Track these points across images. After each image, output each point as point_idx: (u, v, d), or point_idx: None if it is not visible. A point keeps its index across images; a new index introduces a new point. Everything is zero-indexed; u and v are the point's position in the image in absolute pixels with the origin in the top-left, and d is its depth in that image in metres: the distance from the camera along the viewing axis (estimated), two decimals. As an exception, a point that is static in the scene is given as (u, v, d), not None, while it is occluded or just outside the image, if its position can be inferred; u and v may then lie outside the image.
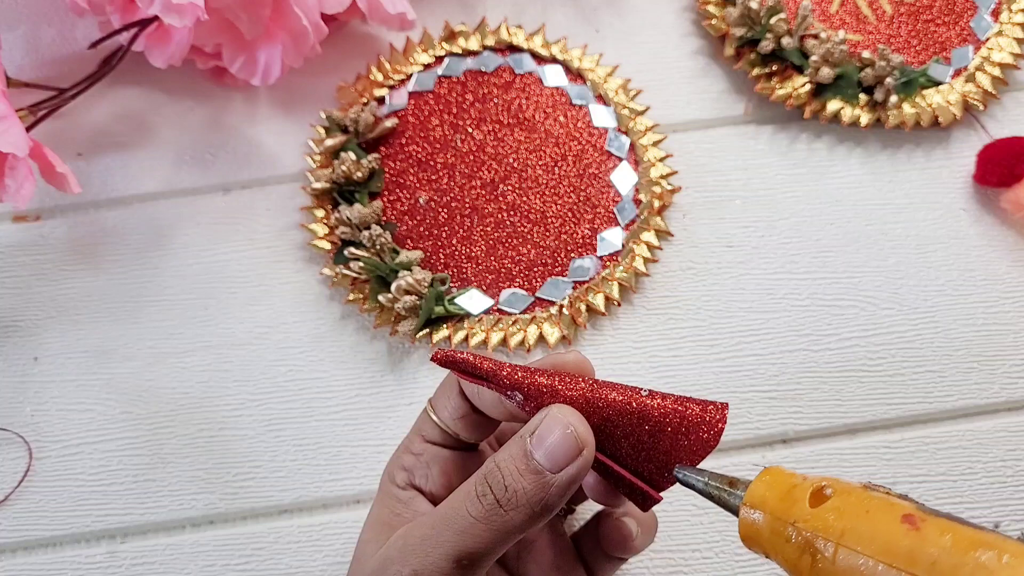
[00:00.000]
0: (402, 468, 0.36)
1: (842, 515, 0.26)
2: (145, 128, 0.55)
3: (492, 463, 0.32)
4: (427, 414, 0.36)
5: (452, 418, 0.35)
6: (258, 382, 0.48)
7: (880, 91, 0.53)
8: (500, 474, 0.31)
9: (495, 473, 0.31)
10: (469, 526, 0.31)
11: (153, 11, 0.47)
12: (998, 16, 0.56)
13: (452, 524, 0.31)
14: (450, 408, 0.35)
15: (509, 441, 0.32)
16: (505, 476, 0.31)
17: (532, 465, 0.31)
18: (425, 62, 0.55)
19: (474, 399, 0.34)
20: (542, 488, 0.30)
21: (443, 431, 0.35)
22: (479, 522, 0.31)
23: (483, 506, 0.31)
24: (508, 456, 0.31)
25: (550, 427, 0.31)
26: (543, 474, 0.30)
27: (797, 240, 0.51)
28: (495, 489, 0.31)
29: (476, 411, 0.35)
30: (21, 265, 0.51)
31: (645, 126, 0.53)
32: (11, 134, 0.44)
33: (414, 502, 0.35)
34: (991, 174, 0.52)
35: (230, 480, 0.46)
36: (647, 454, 0.32)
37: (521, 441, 0.31)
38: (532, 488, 0.30)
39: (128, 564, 0.44)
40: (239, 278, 0.51)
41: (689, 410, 0.32)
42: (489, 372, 0.33)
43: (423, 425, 0.36)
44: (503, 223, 0.51)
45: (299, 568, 0.44)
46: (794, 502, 0.27)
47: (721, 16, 0.56)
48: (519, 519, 0.30)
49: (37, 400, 0.48)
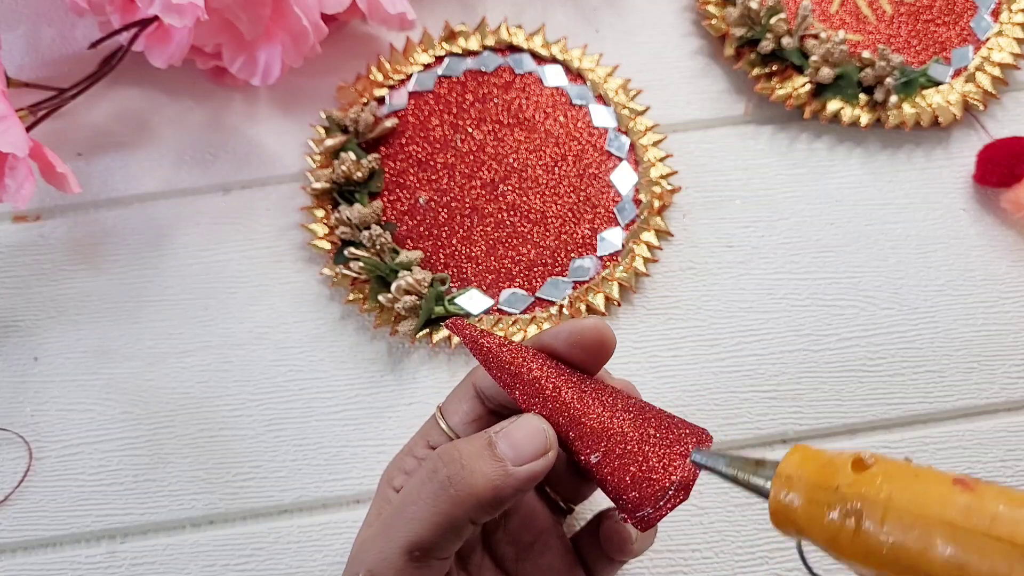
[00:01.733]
0: (403, 472, 0.35)
1: (891, 478, 0.24)
2: (145, 128, 0.55)
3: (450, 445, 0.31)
4: (435, 420, 0.35)
5: (464, 422, 0.34)
6: (258, 382, 0.48)
7: (880, 91, 0.53)
8: (458, 453, 0.30)
9: (451, 452, 0.30)
10: (418, 510, 0.30)
11: (153, 11, 0.47)
12: (998, 16, 0.56)
13: (403, 512, 0.30)
14: (463, 411, 0.34)
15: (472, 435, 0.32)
16: (463, 455, 0.30)
17: (495, 452, 0.30)
18: (425, 62, 0.55)
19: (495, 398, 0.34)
20: (500, 474, 0.29)
21: (450, 439, 0.35)
22: (427, 504, 0.30)
23: (432, 485, 0.30)
24: (469, 442, 0.31)
25: (519, 425, 0.31)
26: (503, 462, 0.30)
27: (797, 240, 0.51)
28: (448, 465, 0.30)
29: (490, 414, 0.34)
30: (21, 265, 0.51)
31: (645, 126, 0.53)
32: (11, 134, 0.44)
33: None
34: (991, 174, 0.52)
35: (230, 480, 0.46)
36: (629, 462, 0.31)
37: (486, 434, 0.31)
38: (490, 471, 0.29)
39: (128, 564, 0.44)
40: (239, 278, 0.51)
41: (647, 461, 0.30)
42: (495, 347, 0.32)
43: (430, 431, 0.35)
44: (503, 223, 0.51)
45: (299, 568, 0.44)
46: (836, 470, 0.26)
47: (721, 16, 0.56)
48: (468, 501, 0.29)
49: (37, 400, 0.48)
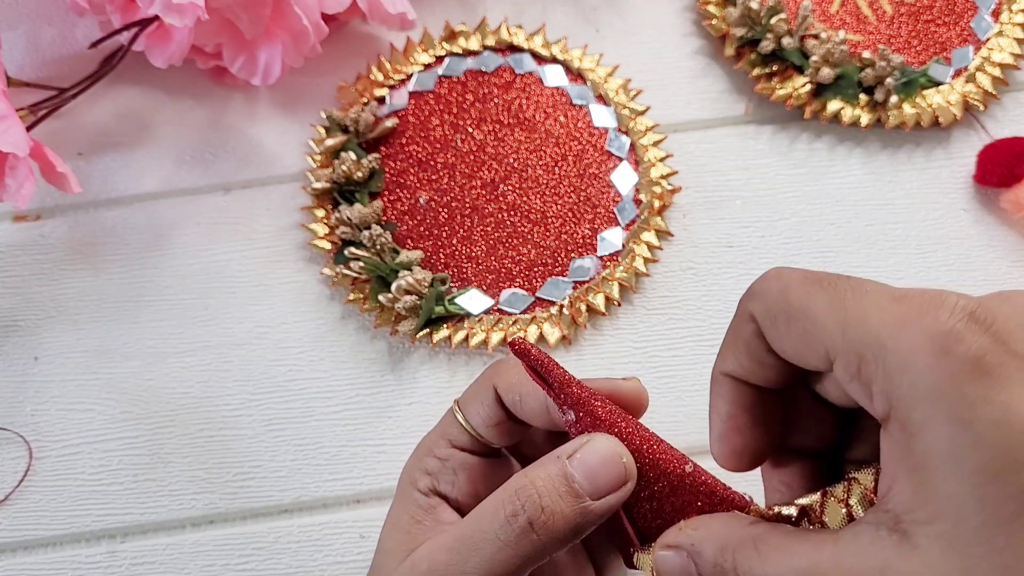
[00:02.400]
0: (426, 473, 0.34)
1: None
2: (145, 128, 0.55)
3: (525, 479, 0.29)
4: (454, 416, 0.34)
5: (485, 425, 0.33)
6: (258, 382, 0.48)
7: (880, 91, 0.53)
8: (536, 493, 0.29)
9: (528, 490, 0.29)
10: (496, 551, 0.29)
11: (153, 11, 0.47)
12: (998, 16, 0.56)
13: (479, 549, 0.29)
14: (483, 415, 0.33)
15: (543, 459, 0.30)
16: (542, 496, 0.29)
17: (573, 488, 0.29)
18: (425, 62, 0.55)
19: (515, 408, 0.33)
20: (580, 514, 0.28)
21: (471, 436, 0.34)
22: (507, 547, 0.29)
23: (513, 528, 0.29)
24: (545, 475, 0.29)
25: (595, 450, 0.29)
26: (583, 498, 0.28)
27: (797, 240, 0.51)
28: (529, 509, 0.29)
29: (512, 419, 0.33)
30: (21, 265, 0.51)
31: (645, 126, 0.53)
32: (11, 134, 0.44)
33: (437, 510, 0.33)
34: (991, 174, 0.52)
35: (230, 480, 0.46)
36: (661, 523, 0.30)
37: (559, 462, 0.29)
38: (570, 512, 0.28)
39: (128, 564, 0.44)
40: (239, 278, 0.51)
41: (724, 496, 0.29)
42: (559, 380, 0.31)
43: (450, 428, 0.34)
44: (503, 223, 0.51)
45: (299, 568, 0.44)
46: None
47: (721, 16, 0.56)
48: (549, 543, 0.29)
49: (37, 400, 0.48)
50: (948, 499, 0.22)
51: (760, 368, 0.28)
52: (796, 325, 0.26)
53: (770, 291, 0.27)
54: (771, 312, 0.26)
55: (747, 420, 0.29)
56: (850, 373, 0.24)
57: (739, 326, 0.28)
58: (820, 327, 0.25)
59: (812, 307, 0.25)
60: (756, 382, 0.29)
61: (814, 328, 0.25)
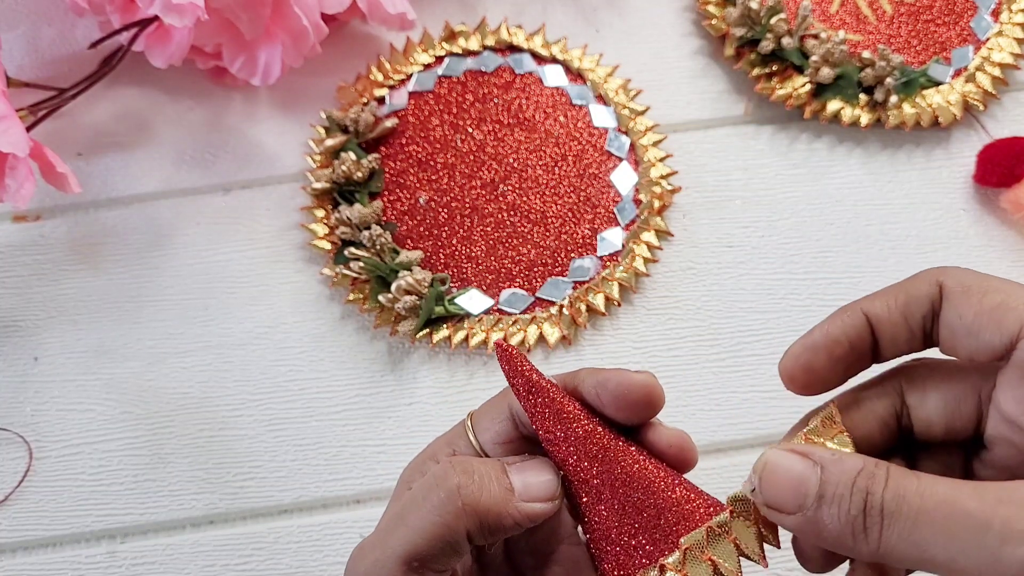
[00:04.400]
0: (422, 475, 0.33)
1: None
2: (145, 128, 0.55)
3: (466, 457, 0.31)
4: (464, 430, 0.34)
5: (495, 442, 0.33)
6: (258, 382, 0.48)
7: (880, 91, 0.53)
8: (471, 466, 0.30)
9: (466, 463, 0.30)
10: (419, 520, 0.29)
11: (153, 11, 0.47)
12: (998, 16, 0.56)
13: (404, 519, 0.30)
14: (494, 431, 0.33)
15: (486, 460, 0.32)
16: (476, 470, 0.30)
17: (504, 479, 0.30)
18: (425, 62, 0.55)
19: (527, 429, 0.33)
20: (505, 500, 0.30)
21: (477, 454, 0.33)
22: (429, 516, 0.29)
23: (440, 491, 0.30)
24: (484, 460, 0.31)
25: (533, 466, 0.31)
26: (511, 492, 0.30)
27: (797, 240, 0.51)
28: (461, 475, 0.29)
29: (522, 438, 0.33)
30: (21, 265, 0.51)
31: (645, 126, 0.53)
32: (11, 134, 0.44)
33: None
34: (991, 174, 0.52)
35: (230, 480, 0.46)
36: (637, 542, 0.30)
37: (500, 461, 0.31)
38: (498, 494, 0.30)
39: (128, 564, 0.44)
40: (239, 278, 0.51)
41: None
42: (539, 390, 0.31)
43: (457, 440, 0.34)
44: (503, 223, 0.51)
45: (299, 568, 0.44)
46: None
47: (721, 16, 0.56)
48: (471, 519, 0.29)
49: (37, 400, 0.48)
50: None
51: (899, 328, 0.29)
52: (992, 298, 0.27)
53: (962, 271, 0.29)
54: (966, 283, 0.28)
55: (843, 353, 0.30)
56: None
57: (915, 285, 0.30)
58: (1018, 300, 0.27)
59: (1009, 287, 0.28)
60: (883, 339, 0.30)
61: (1011, 301, 0.27)
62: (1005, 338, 0.27)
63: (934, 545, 0.24)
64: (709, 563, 0.28)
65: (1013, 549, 0.23)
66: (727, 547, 0.28)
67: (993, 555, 0.23)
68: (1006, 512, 0.23)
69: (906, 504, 0.24)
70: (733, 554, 0.28)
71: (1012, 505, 0.23)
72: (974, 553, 0.23)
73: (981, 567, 0.23)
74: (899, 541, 0.25)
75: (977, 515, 0.24)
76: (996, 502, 0.24)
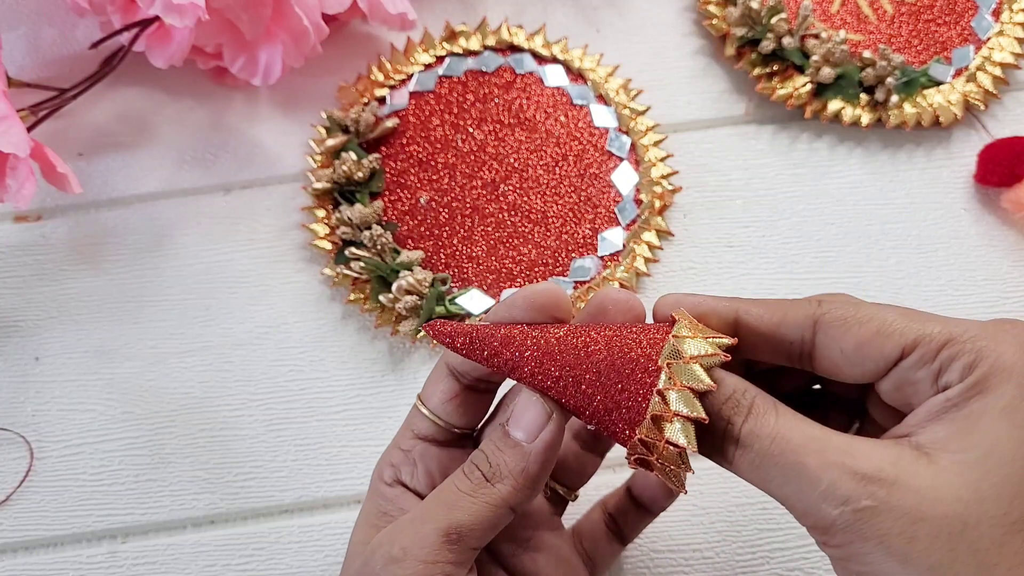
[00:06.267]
0: (390, 464, 0.36)
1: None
2: (146, 128, 0.55)
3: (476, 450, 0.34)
4: (416, 408, 0.36)
5: (442, 401, 0.35)
6: (259, 382, 0.48)
7: (881, 91, 0.53)
8: (483, 454, 0.33)
9: (479, 454, 0.33)
10: (458, 498, 0.32)
11: (154, 11, 0.47)
12: (999, 16, 0.56)
13: (442, 500, 0.32)
14: (440, 392, 0.35)
15: (488, 429, 0.36)
16: (488, 454, 0.32)
17: (509, 441, 0.32)
18: (426, 62, 0.55)
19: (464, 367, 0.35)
20: (522, 457, 0.32)
21: (433, 423, 0.35)
22: (467, 495, 0.32)
23: (471, 481, 0.32)
24: (489, 439, 0.33)
25: (519, 404, 0.33)
26: (520, 445, 0.32)
27: (798, 240, 0.51)
28: (480, 466, 0.32)
29: (466, 390, 0.35)
30: (22, 265, 0.51)
31: (646, 126, 0.53)
32: (12, 134, 0.44)
33: (401, 499, 0.35)
34: (992, 174, 0.52)
35: (231, 480, 0.46)
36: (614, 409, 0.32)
37: (500, 427, 0.33)
38: (512, 459, 0.32)
39: (129, 564, 0.45)
40: (240, 278, 0.51)
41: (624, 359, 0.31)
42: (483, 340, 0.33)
43: (413, 420, 0.36)
44: (504, 223, 0.51)
45: (300, 568, 0.44)
46: None
47: (722, 16, 0.56)
48: (505, 490, 0.32)
49: (38, 400, 0.48)
50: (985, 437, 0.28)
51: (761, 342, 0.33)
52: (869, 327, 0.30)
53: (838, 303, 0.32)
54: (841, 316, 0.31)
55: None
56: (929, 355, 0.30)
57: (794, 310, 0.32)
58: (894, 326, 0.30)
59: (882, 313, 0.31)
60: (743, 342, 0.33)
61: (886, 328, 0.30)
62: (890, 361, 0.31)
63: (772, 482, 0.29)
64: (691, 361, 0.30)
65: (830, 509, 0.27)
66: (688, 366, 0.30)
67: (815, 506, 0.28)
68: (834, 475, 0.28)
69: (758, 442, 0.29)
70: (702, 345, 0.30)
71: (843, 471, 0.28)
72: (801, 499, 0.28)
73: (806, 511, 0.28)
74: (747, 469, 0.29)
75: (811, 471, 0.28)
76: (831, 464, 0.28)
